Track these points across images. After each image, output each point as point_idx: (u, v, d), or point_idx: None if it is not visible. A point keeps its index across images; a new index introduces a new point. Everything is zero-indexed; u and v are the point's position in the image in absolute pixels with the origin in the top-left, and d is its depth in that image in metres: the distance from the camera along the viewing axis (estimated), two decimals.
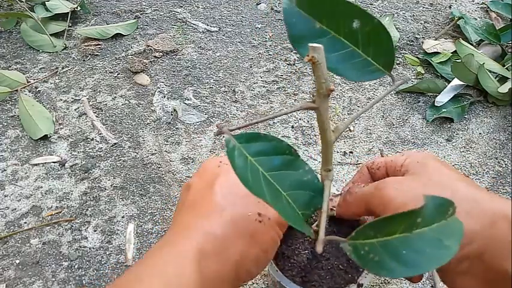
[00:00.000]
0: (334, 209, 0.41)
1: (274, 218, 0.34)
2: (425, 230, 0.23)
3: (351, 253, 0.24)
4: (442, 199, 0.23)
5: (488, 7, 1.11)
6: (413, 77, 0.94)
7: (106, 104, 0.87)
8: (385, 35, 0.27)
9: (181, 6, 1.12)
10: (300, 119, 0.84)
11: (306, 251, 0.39)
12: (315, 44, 0.24)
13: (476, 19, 1.08)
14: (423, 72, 0.94)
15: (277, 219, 0.34)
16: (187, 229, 0.33)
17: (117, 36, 1.02)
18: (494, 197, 0.31)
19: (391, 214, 0.24)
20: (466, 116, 0.86)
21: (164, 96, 0.88)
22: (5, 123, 0.83)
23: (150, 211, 0.70)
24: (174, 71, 0.94)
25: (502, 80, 0.87)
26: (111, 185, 0.73)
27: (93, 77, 0.92)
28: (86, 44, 1.00)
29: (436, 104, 0.85)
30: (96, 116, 0.84)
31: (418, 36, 1.03)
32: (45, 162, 0.77)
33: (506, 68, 0.89)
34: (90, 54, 0.98)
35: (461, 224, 0.23)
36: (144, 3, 1.12)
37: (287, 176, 0.29)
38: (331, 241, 0.39)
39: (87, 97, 0.88)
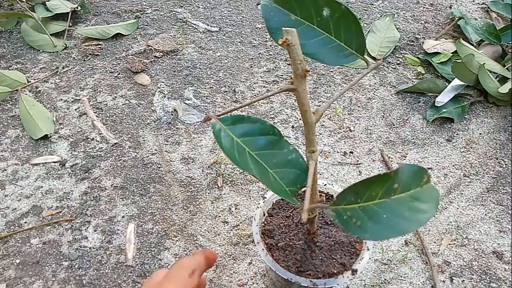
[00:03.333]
0: (323, 195, 0.42)
1: None
2: (403, 195, 0.24)
3: (334, 218, 0.25)
4: (416, 167, 0.24)
5: (489, 7, 1.11)
6: (413, 77, 0.94)
7: (106, 104, 0.87)
8: (353, 20, 0.30)
9: (182, 6, 1.12)
10: (300, 119, 0.84)
11: (300, 242, 0.40)
12: (288, 28, 0.26)
13: (476, 19, 1.08)
14: (423, 72, 0.94)
15: None
16: None
17: (118, 36, 1.02)
18: None
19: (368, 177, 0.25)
20: (466, 116, 0.86)
21: (164, 96, 0.88)
22: (6, 123, 0.83)
23: (150, 211, 0.70)
24: (174, 71, 0.94)
25: (503, 80, 0.87)
26: (111, 185, 0.73)
27: (93, 77, 0.92)
28: (86, 43, 1.00)
29: (436, 104, 0.85)
30: (97, 116, 0.84)
31: (419, 36, 1.03)
32: (46, 162, 0.77)
33: (507, 68, 0.89)
34: (90, 54, 0.98)
35: (436, 191, 0.24)
36: (144, 3, 1.12)
37: (273, 155, 0.31)
38: (325, 233, 0.39)
39: (88, 97, 0.88)
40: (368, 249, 0.40)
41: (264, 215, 0.43)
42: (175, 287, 0.32)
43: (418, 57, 0.98)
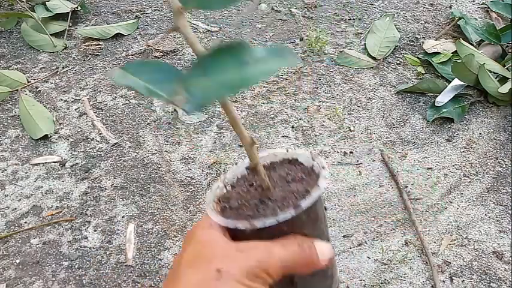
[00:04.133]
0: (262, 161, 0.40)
1: (240, 270, 0.29)
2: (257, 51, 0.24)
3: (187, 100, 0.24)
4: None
5: (489, 7, 1.11)
6: (413, 77, 0.94)
7: (106, 104, 0.87)
8: None
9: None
10: (300, 119, 0.84)
11: (255, 200, 0.38)
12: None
13: (476, 19, 1.08)
14: (423, 72, 0.94)
15: (248, 269, 0.29)
16: None
17: (118, 36, 1.02)
18: None
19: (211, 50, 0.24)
20: (466, 116, 0.86)
21: None
22: (6, 123, 0.83)
23: (150, 211, 0.70)
24: None
25: (503, 80, 0.87)
26: (111, 185, 0.73)
27: (93, 77, 0.92)
28: (86, 43, 1.00)
29: (436, 104, 0.85)
30: (97, 116, 0.84)
31: (419, 37, 1.03)
32: (46, 162, 0.77)
33: (507, 68, 0.89)
34: (90, 54, 0.98)
35: (295, 57, 0.24)
36: (144, 3, 1.12)
37: None
38: (282, 189, 0.37)
39: (88, 97, 0.88)
40: (319, 186, 0.37)
41: (226, 187, 0.41)
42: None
43: (418, 57, 0.98)
